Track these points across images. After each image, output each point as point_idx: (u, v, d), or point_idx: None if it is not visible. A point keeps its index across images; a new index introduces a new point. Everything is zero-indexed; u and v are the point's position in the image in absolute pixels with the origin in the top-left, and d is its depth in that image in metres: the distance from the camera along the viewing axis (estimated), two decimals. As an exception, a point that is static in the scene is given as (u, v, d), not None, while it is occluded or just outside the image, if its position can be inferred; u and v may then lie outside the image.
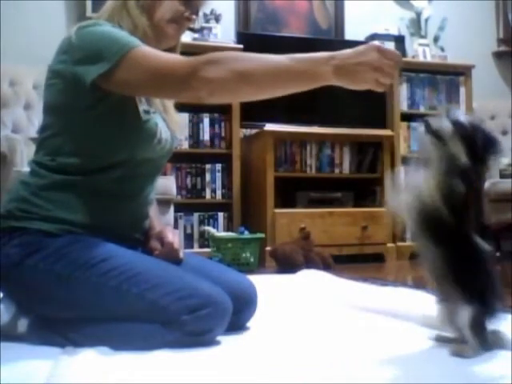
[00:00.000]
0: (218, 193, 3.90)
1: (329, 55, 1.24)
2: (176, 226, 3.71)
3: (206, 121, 3.90)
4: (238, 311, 1.44)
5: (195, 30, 2.40)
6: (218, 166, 3.91)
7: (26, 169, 1.50)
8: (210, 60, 1.28)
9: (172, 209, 3.39)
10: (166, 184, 3.23)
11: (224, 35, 4.05)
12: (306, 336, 1.52)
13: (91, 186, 1.41)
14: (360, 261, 3.77)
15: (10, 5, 3.71)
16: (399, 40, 4.42)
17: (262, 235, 3.47)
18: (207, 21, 3.98)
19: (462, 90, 4.46)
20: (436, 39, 4.55)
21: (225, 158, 3.91)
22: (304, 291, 2.32)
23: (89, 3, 3.76)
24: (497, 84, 4.87)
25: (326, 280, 2.54)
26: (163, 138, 1.48)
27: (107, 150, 1.41)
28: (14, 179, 2.76)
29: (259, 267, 3.40)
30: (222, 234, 3.59)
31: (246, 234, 3.41)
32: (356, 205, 3.99)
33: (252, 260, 3.35)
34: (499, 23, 4.91)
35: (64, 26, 3.76)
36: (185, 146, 3.83)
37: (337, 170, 4.02)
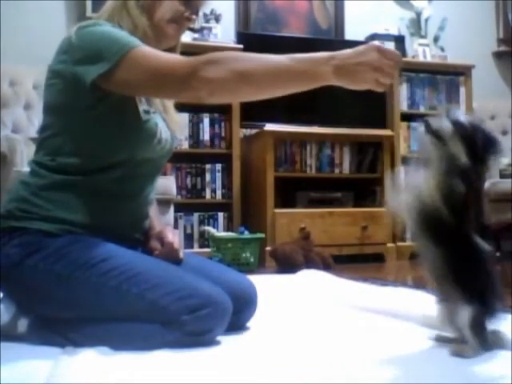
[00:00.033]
0: (218, 193, 3.90)
1: (329, 55, 1.24)
2: (176, 226, 3.71)
3: (206, 121, 3.90)
4: (238, 311, 1.44)
5: (195, 29, 2.40)
6: (218, 166, 3.91)
7: (26, 169, 1.50)
8: (210, 60, 1.28)
9: (172, 209, 3.39)
10: (166, 184, 3.23)
11: (224, 35, 4.05)
12: (306, 336, 1.52)
13: (91, 186, 1.41)
14: (360, 261, 3.77)
15: (10, 5, 3.71)
16: (399, 40, 4.42)
17: (262, 235, 3.47)
18: (207, 21, 3.98)
19: (462, 89, 4.46)
20: (436, 39, 4.55)
21: (225, 158, 3.90)
22: (304, 291, 2.32)
23: (89, 3, 3.76)
24: (497, 84, 4.87)
25: (326, 280, 2.54)
26: (163, 137, 1.48)
27: (107, 149, 1.41)
28: (13, 179, 2.76)
29: (259, 267, 3.39)
30: (221, 233, 3.59)
31: (246, 234, 3.41)
32: (356, 205, 3.99)
33: (252, 260, 3.35)
34: (499, 23, 4.91)
35: (64, 26, 3.76)
36: (185, 146, 3.83)
37: (337, 170, 4.02)
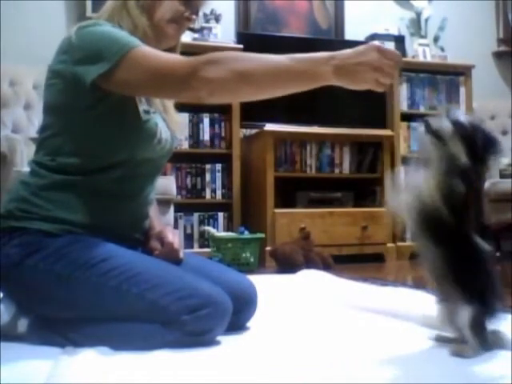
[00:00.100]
0: (218, 193, 3.90)
1: (329, 55, 1.24)
2: (176, 226, 3.71)
3: (206, 121, 3.90)
4: (238, 311, 1.44)
5: (195, 29, 2.40)
6: (218, 166, 3.91)
7: (26, 169, 1.50)
8: (210, 60, 1.28)
9: (172, 209, 3.39)
10: (166, 184, 3.23)
11: (224, 35, 4.05)
12: (306, 336, 1.52)
13: (91, 186, 1.41)
14: (360, 261, 3.77)
15: (10, 5, 3.71)
16: (399, 40, 4.42)
17: (262, 235, 3.47)
18: (207, 21, 3.98)
19: (462, 89, 4.46)
20: (436, 39, 4.55)
21: (225, 158, 3.90)
22: (304, 291, 2.32)
23: (89, 3, 3.76)
24: (497, 84, 4.87)
25: (326, 280, 2.54)
26: (163, 137, 1.48)
27: (107, 149, 1.41)
28: (14, 179, 2.76)
29: (259, 267, 3.39)
30: (221, 233, 3.59)
31: (246, 234, 3.41)
32: (356, 205, 3.99)
33: (252, 260, 3.35)
34: (499, 23, 4.91)
35: (64, 26, 3.76)
36: (185, 146, 3.83)
37: (337, 170, 4.02)
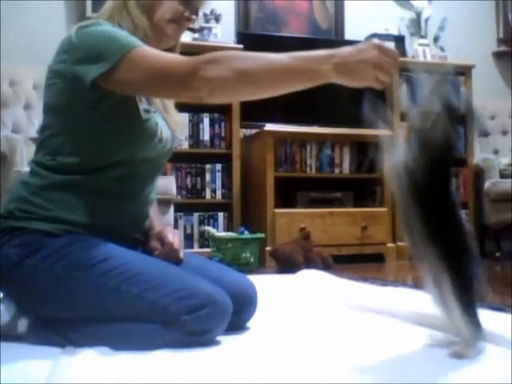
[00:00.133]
0: (218, 193, 3.90)
1: (329, 53, 1.25)
2: (176, 226, 3.71)
3: (206, 121, 3.90)
4: (238, 311, 1.44)
5: (195, 29, 2.40)
6: (218, 166, 3.91)
7: (26, 169, 1.50)
8: (210, 59, 1.28)
9: (172, 209, 3.39)
10: (166, 184, 3.23)
11: (224, 35, 4.05)
12: (306, 336, 1.52)
13: (91, 186, 1.41)
14: (360, 261, 3.77)
15: (10, 5, 3.71)
16: (399, 40, 4.42)
17: (262, 235, 3.47)
18: (207, 21, 3.98)
19: (462, 90, 4.46)
20: (436, 39, 4.55)
21: (225, 158, 3.90)
22: (304, 291, 2.31)
23: (89, 3, 3.76)
24: (497, 84, 4.87)
25: (326, 280, 2.54)
26: (164, 137, 1.48)
27: (107, 149, 1.41)
28: (13, 179, 2.77)
29: (259, 267, 3.39)
30: (221, 233, 3.59)
31: (246, 234, 3.41)
32: (356, 205, 3.99)
33: (252, 260, 3.35)
34: (499, 23, 4.91)
35: (64, 26, 3.77)
36: (185, 146, 3.83)
37: (337, 170, 4.02)
